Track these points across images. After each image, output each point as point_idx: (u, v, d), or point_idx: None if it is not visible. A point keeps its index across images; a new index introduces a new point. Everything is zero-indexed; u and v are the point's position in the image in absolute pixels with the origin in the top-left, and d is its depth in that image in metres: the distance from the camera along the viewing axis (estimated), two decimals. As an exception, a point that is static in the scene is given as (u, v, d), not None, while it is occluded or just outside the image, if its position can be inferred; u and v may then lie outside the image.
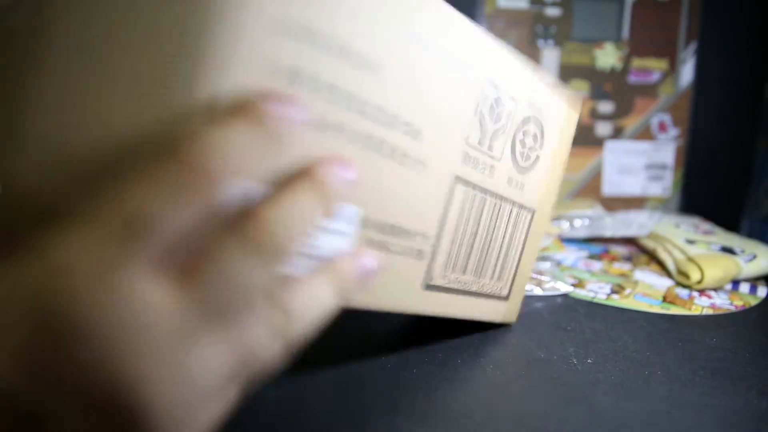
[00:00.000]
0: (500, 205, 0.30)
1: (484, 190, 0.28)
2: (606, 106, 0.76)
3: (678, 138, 0.76)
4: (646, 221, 0.62)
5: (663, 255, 0.53)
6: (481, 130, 0.26)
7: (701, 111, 0.76)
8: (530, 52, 0.75)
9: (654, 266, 0.54)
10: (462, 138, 0.25)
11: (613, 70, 0.75)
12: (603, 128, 0.76)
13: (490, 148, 0.28)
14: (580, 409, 0.28)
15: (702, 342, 0.37)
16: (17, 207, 0.17)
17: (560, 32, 0.75)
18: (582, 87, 0.76)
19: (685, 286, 0.48)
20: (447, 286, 0.29)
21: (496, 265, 0.31)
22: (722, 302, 0.45)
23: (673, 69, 0.75)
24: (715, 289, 0.48)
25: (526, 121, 0.30)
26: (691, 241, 0.54)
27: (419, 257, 0.26)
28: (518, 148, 0.30)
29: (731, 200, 0.74)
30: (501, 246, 0.31)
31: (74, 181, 0.16)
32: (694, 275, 0.48)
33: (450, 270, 0.28)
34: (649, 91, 0.75)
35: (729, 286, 0.49)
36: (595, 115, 0.76)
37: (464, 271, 0.29)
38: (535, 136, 0.30)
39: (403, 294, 0.26)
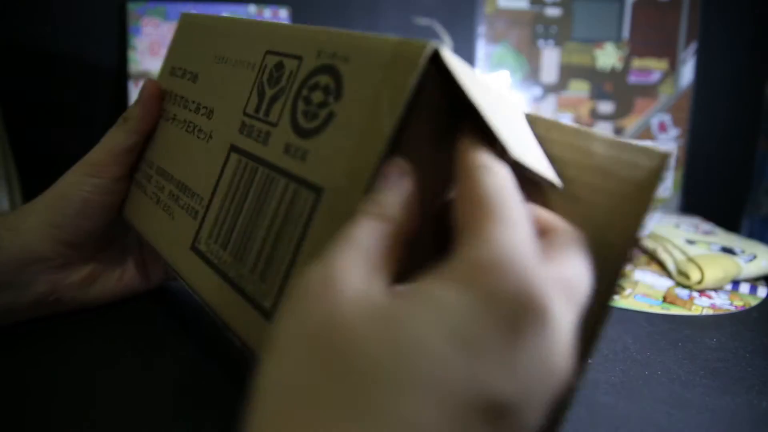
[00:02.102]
0: (272, 178, 0.24)
1: (256, 159, 0.25)
2: (606, 106, 0.76)
3: (678, 138, 0.76)
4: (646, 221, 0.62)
5: (663, 255, 0.53)
6: (259, 97, 0.27)
7: (701, 111, 0.76)
8: (530, 52, 0.75)
9: (654, 266, 0.54)
10: (241, 109, 0.28)
11: (613, 71, 0.75)
12: (603, 128, 0.76)
13: (266, 113, 0.26)
14: (580, 409, 0.28)
15: (702, 342, 0.37)
16: None
17: (560, 32, 0.75)
18: (582, 87, 0.76)
19: (685, 287, 0.48)
20: (208, 256, 0.26)
21: (260, 255, 0.23)
22: (722, 302, 0.45)
23: (673, 69, 0.75)
24: (715, 290, 0.48)
25: (313, 73, 0.24)
26: (691, 242, 0.54)
27: (194, 216, 0.28)
28: (301, 106, 0.24)
29: (731, 200, 0.74)
30: (268, 231, 0.23)
31: None
32: (694, 275, 0.48)
33: (213, 239, 0.26)
34: (649, 91, 0.76)
35: (729, 287, 0.49)
36: (595, 115, 0.76)
37: (225, 247, 0.25)
38: (326, 89, 0.23)
39: (176, 246, 0.29)
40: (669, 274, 0.51)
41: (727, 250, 0.52)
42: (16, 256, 0.32)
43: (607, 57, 0.75)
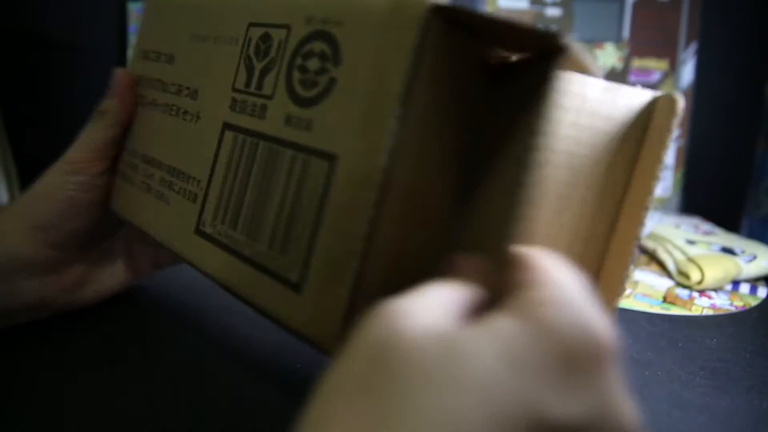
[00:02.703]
0: (276, 151, 0.24)
1: (255, 134, 0.25)
2: (606, 107, 0.76)
3: (678, 138, 0.76)
4: (646, 222, 0.62)
5: (663, 255, 0.53)
6: (248, 71, 0.26)
7: (701, 111, 0.76)
8: (530, 52, 0.75)
9: (654, 266, 0.54)
10: (229, 86, 0.27)
11: (613, 71, 0.75)
12: (603, 128, 0.76)
13: (259, 87, 0.25)
14: (580, 409, 0.28)
15: (702, 342, 0.37)
16: None
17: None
18: (582, 87, 0.76)
19: (685, 287, 0.48)
20: (217, 237, 0.26)
21: (276, 230, 0.23)
22: (722, 303, 0.45)
23: (673, 69, 0.75)
24: (715, 290, 0.48)
25: (305, 41, 0.24)
26: (691, 242, 0.54)
27: (193, 200, 0.28)
28: (296, 75, 0.24)
29: (731, 200, 0.74)
30: (282, 205, 0.23)
31: None
32: (695, 276, 0.48)
33: (219, 220, 0.26)
34: (649, 91, 0.76)
35: (729, 287, 0.49)
36: (595, 115, 0.76)
37: (235, 226, 0.25)
38: (323, 55, 0.23)
39: (178, 232, 0.28)
40: (669, 274, 0.51)
41: (727, 251, 0.52)
42: (2, 262, 0.31)
43: (607, 57, 0.75)
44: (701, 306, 0.44)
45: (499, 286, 0.19)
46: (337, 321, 0.20)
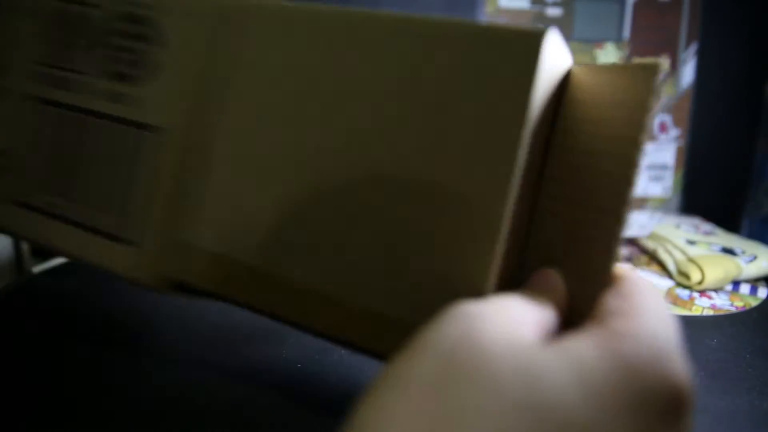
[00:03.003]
0: (99, 125, 0.26)
1: (71, 108, 0.26)
2: (606, 107, 0.76)
3: (678, 138, 0.76)
4: (647, 222, 0.62)
5: (663, 255, 0.53)
6: (53, 46, 0.27)
7: (701, 111, 0.76)
8: (531, 52, 0.75)
9: (654, 267, 0.54)
10: (33, 59, 0.28)
11: (613, 71, 0.75)
12: (603, 128, 0.76)
13: (68, 61, 0.27)
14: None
15: (702, 343, 0.37)
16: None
17: (561, 32, 0.75)
18: (582, 87, 0.76)
19: (685, 287, 0.49)
20: (39, 205, 0.27)
21: (109, 195, 0.25)
22: (723, 303, 0.45)
23: (673, 69, 0.75)
24: (715, 290, 0.48)
25: (124, 21, 0.25)
26: (691, 242, 0.54)
27: (6, 172, 0.28)
28: (116, 54, 0.25)
29: (731, 200, 0.74)
30: (111, 172, 0.25)
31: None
32: (695, 276, 0.48)
33: (38, 189, 0.27)
34: (649, 91, 0.75)
35: (729, 287, 0.49)
36: (595, 115, 0.76)
37: (58, 194, 0.27)
38: (146, 38, 0.25)
39: None
40: (669, 275, 0.51)
41: (728, 251, 0.52)
42: None
43: (608, 57, 0.75)
44: (701, 306, 0.44)
45: (582, 305, 0.18)
46: (169, 268, 0.24)
